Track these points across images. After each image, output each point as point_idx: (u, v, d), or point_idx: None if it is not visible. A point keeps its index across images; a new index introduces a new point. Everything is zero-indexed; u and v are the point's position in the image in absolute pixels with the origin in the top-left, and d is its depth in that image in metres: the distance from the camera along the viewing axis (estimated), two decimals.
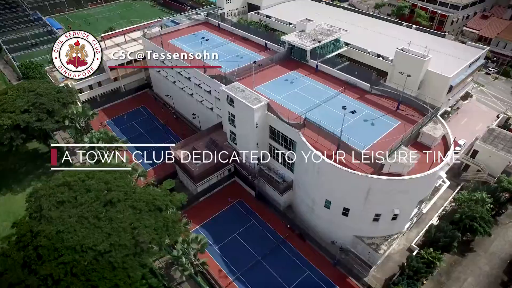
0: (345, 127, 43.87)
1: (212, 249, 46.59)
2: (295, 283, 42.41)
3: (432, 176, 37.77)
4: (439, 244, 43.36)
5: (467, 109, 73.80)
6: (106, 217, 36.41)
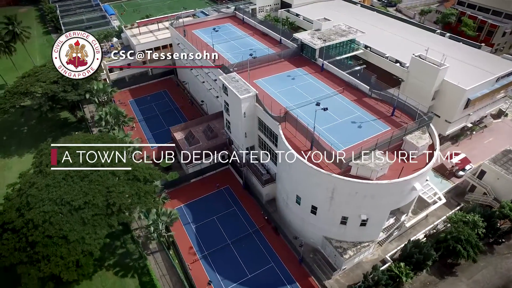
0: (330, 126, 44.19)
1: (189, 227, 49.24)
2: (256, 272, 43.28)
3: (401, 185, 36.12)
4: (412, 260, 41.14)
5: (497, 128, 67.51)
6: (88, 178, 40.66)
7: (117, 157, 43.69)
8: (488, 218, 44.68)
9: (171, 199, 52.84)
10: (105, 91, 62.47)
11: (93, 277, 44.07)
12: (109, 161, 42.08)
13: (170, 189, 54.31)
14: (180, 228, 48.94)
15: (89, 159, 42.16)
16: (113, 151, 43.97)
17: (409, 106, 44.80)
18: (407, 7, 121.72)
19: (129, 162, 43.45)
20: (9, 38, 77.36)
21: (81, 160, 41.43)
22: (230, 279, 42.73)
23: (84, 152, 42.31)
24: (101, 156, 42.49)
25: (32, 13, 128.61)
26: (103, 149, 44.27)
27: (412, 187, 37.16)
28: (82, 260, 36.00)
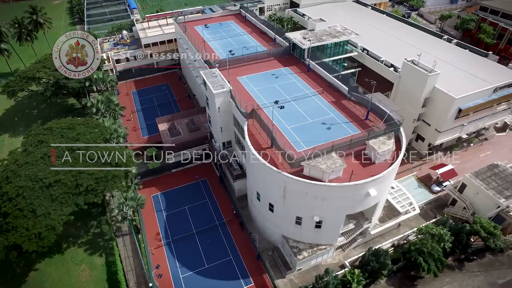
0: (299, 126, 44.33)
1: (161, 214, 51.22)
2: (213, 263, 44.32)
3: (352, 189, 35.55)
4: (368, 268, 40.30)
5: (499, 142, 63.68)
6: (65, 159, 43.61)
7: (93, 142, 46.61)
8: (457, 233, 42.65)
9: (151, 186, 55.29)
10: (104, 81, 65.93)
11: (65, 252, 47.37)
12: (85, 147, 45.03)
13: (152, 177, 56.72)
14: (151, 214, 51.08)
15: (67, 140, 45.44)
16: (93, 138, 47.07)
17: (383, 110, 43.73)
18: (429, 12, 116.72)
19: (106, 147, 45.98)
20: (32, 27, 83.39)
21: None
22: (187, 267, 44.11)
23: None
24: (80, 141, 45.62)
25: (63, 5, 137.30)
26: (83, 136, 47.50)
27: (367, 192, 36.41)
28: (44, 234, 38.80)
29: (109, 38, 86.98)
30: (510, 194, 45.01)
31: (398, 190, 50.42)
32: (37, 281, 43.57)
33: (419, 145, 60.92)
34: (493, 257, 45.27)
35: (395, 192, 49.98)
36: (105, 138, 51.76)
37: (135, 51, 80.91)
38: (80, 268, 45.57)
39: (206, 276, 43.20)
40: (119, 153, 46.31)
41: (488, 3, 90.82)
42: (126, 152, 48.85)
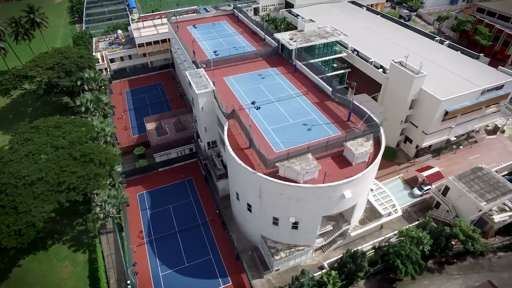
0: (280, 126, 44.49)
1: (145, 212, 51.76)
2: (193, 262, 44.73)
3: (326, 191, 35.62)
4: (345, 270, 40.36)
5: (489, 144, 63.12)
6: (47, 157, 44.37)
7: (78, 140, 47.28)
8: (437, 236, 42.48)
9: (138, 185, 55.92)
10: (96, 80, 66.69)
11: (49, 249, 48.14)
12: (69, 145, 45.75)
13: (139, 175, 57.34)
14: (136, 213, 51.68)
15: (52, 139, 46.20)
16: (78, 136, 47.75)
17: (365, 112, 43.68)
18: (428, 13, 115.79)
19: (91, 146, 46.58)
20: (28, 26, 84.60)
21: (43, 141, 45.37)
22: (167, 265, 44.56)
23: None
24: (65, 140, 46.36)
25: (65, 5, 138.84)
26: (69, 132, 48.21)
27: (342, 194, 36.45)
28: (24, 230, 39.50)
29: (104, 38, 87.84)
30: (492, 197, 44.70)
31: (381, 192, 50.40)
32: (19, 277, 44.35)
33: (407, 147, 60.69)
34: (474, 260, 45.01)
35: (379, 194, 49.98)
36: (92, 137, 52.56)
37: (128, 51, 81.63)
38: (63, 264, 46.28)
39: (185, 274, 43.60)
40: (103, 152, 46.94)
41: (485, 4, 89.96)
42: (110, 150, 49.48)
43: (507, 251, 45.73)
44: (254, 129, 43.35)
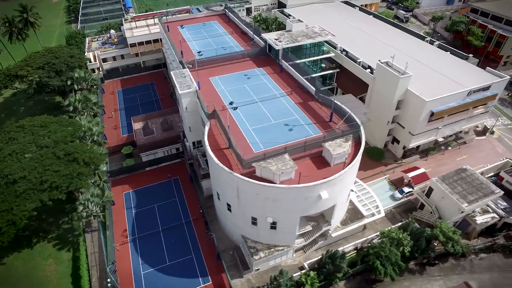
0: (261, 127, 44.64)
1: (130, 211, 52.07)
2: (175, 261, 44.97)
3: (301, 191, 35.69)
4: (323, 270, 40.44)
5: (478, 145, 62.90)
6: (31, 156, 44.76)
7: (63, 140, 47.66)
8: (418, 237, 42.43)
9: (124, 184, 56.25)
10: (86, 79, 67.08)
11: (34, 247, 48.58)
12: (53, 144, 46.14)
13: (126, 175, 57.67)
14: (121, 211, 51.99)
15: (37, 138, 46.62)
16: (63, 136, 48.14)
17: (345, 112, 43.73)
18: (424, 13, 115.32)
19: (74, 145, 46.91)
20: (22, 26, 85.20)
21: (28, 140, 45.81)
22: (149, 264, 44.84)
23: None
24: (49, 139, 46.75)
25: (62, 4, 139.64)
26: (55, 131, 48.60)
27: (318, 195, 36.50)
28: (5, 229, 39.90)
29: (98, 37, 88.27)
30: (474, 199, 44.56)
31: (365, 192, 50.40)
32: (2, 275, 44.75)
33: (395, 147, 60.59)
34: (455, 261, 44.91)
35: (362, 194, 50.00)
36: (79, 136, 52.95)
37: (121, 50, 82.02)
38: (47, 262, 46.70)
39: (166, 273, 43.85)
40: (88, 151, 47.27)
41: (478, 5, 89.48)
42: (96, 150, 49.81)
43: (489, 252, 45.59)
44: (235, 129, 43.59)
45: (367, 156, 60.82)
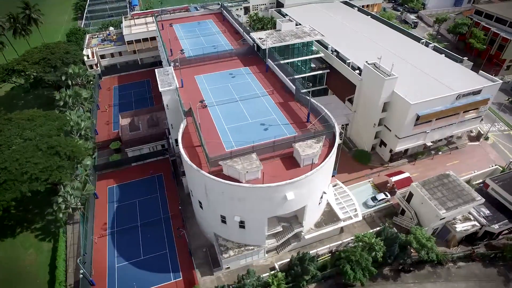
0: (236, 125, 44.77)
1: (112, 205, 52.95)
2: (149, 256, 45.50)
3: (265, 191, 35.51)
4: (291, 272, 40.19)
5: (470, 151, 61.21)
6: (14, 148, 46.10)
7: (47, 133, 48.90)
8: (392, 243, 41.63)
9: (110, 178, 57.22)
10: (80, 75, 68.55)
11: (17, 237, 50.05)
12: (37, 137, 47.44)
13: (112, 169, 58.67)
14: (104, 205, 52.94)
15: (22, 131, 48.02)
16: (48, 129, 49.39)
17: (326, 113, 43.36)
18: (430, 15, 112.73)
19: (57, 139, 48.05)
20: (25, 22, 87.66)
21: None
22: (124, 257, 45.52)
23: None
24: (33, 132, 48.07)
25: (71, 1, 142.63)
26: (41, 125, 49.90)
27: (284, 195, 36.28)
28: None
29: (98, 34, 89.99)
30: (453, 205, 43.37)
31: (345, 195, 49.76)
32: None
33: (382, 150, 59.56)
34: (432, 269, 43.87)
35: (342, 197, 49.38)
36: (65, 130, 54.23)
37: (118, 47, 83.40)
38: (28, 252, 48.04)
39: (139, 267, 44.43)
40: (70, 145, 48.34)
41: (483, 7, 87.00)
42: (80, 144, 50.89)
43: (467, 261, 44.36)
44: (210, 127, 43.86)
45: (354, 158, 60.22)
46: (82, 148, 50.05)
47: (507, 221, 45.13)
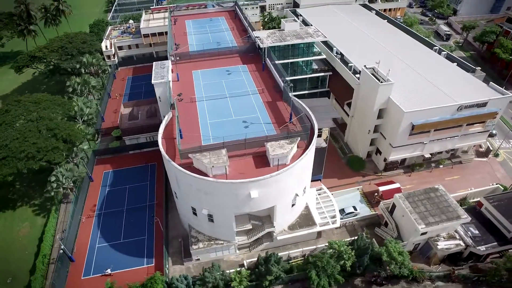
0: (219, 121, 45.61)
1: (104, 189, 55.60)
2: (127, 240, 47.33)
3: (227, 187, 35.80)
4: (256, 271, 40.21)
5: (475, 167, 57.61)
6: (15, 128, 49.89)
7: (48, 116, 52.37)
8: (361, 253, 40.33)
9: (107, 163, 60.06)
10: (93, 65, 72.40)
11: (16, 210, 54.06)
12: (38, 119, 51.03)
13: (111, 155, 61.54)
14: (97, 188, 55.69)
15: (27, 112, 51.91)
16: (49, 112, 52.87)
17: (308, 114, 43.02)
18: (461, 21, 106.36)
19: (57, 122, 51.33)
20: (55, 12, 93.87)
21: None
22: (105, 239, 47.72)
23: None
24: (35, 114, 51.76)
25: None
26: (44, 108, 53.53)
27: (248, 193, 36.36)
28: None
29: (119, 27, 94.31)
30: (434, 221, 41.11)
31: (327, 201, 48.78)
32: None
33: (378, 158, 57.56)
34: (407, 285, 41.91)
35: (324, 202, 48.46)
36: (69, 115, 57.67)
37: (135, 40, 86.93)
38: (23, 225, 51.79)
39: (117, 249, 46.38)
40: (68, 128, 51.45)
41: None
42: (78, 129, 53.98)
43: (447, 281, 41.88)
44: (193, 121, 44.92)
45: (347, 164, 58.72)
46: (79, 132, 53.00)
47: (496, 244, 42.04)
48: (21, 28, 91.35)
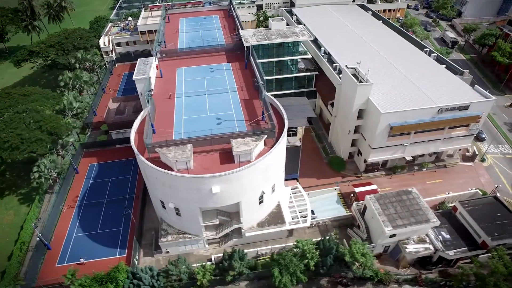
0: (193, 117, 46.55)
1: (87, 181, 57.12)
2: (104, 230, 48.59)
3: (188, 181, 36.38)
4: (220, 266, 40.72)
5: (460, 171, 56.56)
6: (1, 119, 51.82)
7: (35, 108, 54.15)
8: (325, 253, 40.26)
9: (93, 156, 61.67)
10: (88, 60, 74.29)
11: (4, 198, 56.14)
12: (25, 111, 52.85)
13: (98, 149, 63.13)
14: (81, 180, 57.27)
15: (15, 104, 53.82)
16: (37, 105, 54.65)
17: (281, 112, 43.36)
18: (465, 23, 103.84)
19: (43, 115, 53.08)
20: (58, 9, 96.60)
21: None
22: (83, 229, 49.12)
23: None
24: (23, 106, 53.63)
25: None
26: (33, 101, 55.36)
27: (210, 188, 36.85)
28: None
29: (119, 23, 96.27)
30: (402, 224, 40.64)
31: (301, 200, 48.82)
32: None
33: (359, 160, 57.11)
34: (373, 287, 41.58)
35: (297, 201, 48.54)
36: (58, 109, 59.44)
37: (132, 37, 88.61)
38: (8, 212, 53.79)
39: (93, 239, 47.71)
40: (53, 121, 53.11)
41: None
42: (65, 122, 55.63)
43: (414, 285, 41.33)
44: (168, 117, 45.72)
45: (328, 164, 58.50)
46: (64, 125, 54.58)
47: (466, 249, 41.23)
48: (25, 24, 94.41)
